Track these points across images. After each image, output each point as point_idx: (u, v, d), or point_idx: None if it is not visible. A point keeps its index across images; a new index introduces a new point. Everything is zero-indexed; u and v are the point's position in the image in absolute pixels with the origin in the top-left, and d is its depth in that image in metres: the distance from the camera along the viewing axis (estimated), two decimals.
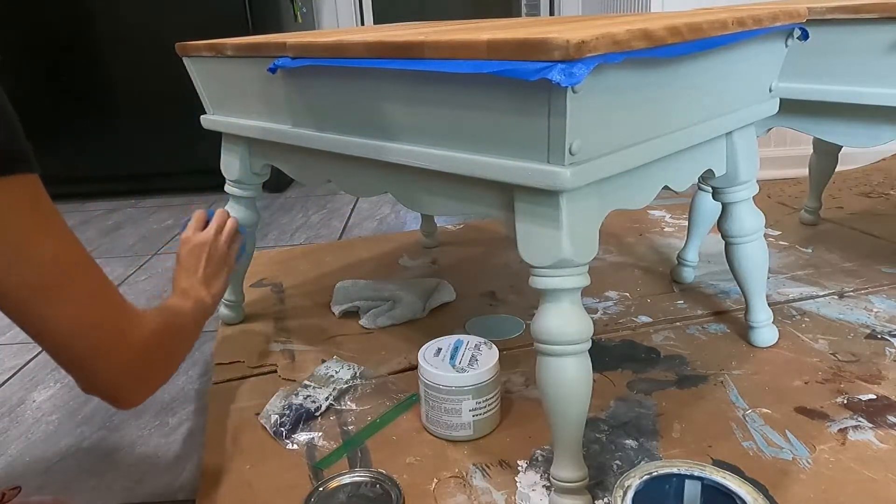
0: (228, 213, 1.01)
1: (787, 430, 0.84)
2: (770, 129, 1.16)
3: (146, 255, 1.73)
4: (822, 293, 1.19)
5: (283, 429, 0.89)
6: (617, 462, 0.81)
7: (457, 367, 0.84)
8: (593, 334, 0.69)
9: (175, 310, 0.80)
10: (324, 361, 1.06)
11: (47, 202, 0.55)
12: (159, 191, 2.31)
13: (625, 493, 0.59)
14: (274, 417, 0.91)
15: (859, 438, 0.82)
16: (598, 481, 0.77)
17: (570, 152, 0.60)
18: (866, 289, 1.20)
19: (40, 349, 1.26)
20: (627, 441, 0.84)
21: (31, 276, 0.54)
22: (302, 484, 0.80)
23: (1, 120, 0.50)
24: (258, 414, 0.94)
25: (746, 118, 0.87)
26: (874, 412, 0.87)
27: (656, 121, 0.71)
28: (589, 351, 0.69)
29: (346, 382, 1.00)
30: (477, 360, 0.86)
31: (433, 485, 0.79)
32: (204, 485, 0.82)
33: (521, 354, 1.05)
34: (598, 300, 1.22)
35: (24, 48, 2.10)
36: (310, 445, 0.87)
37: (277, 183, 2.22)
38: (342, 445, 0.87)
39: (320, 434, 0.89)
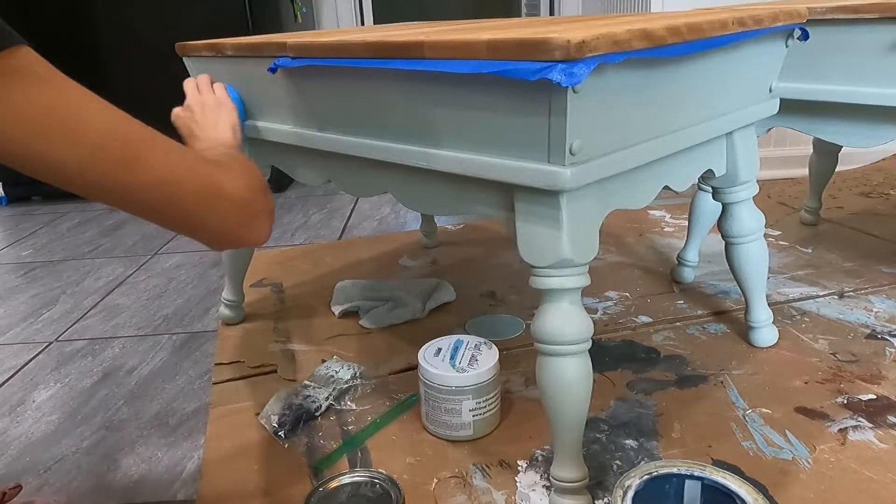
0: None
1: (787, 430, 0.84)
2: (770, 129, 1.16)
3: (146, 255, 1.73)
4: (822, 293, 1.19)
5: (283, 429, 0.90)
6: (617, 462, 0.81)
7: (457, 367, 0.84)
8: (593, 334, 0.69)
9: (224, 149, 0.78)
10: (324, 361, 1.06)
11: (60, 73, 0.51)
12: None
13: (625, 493, 0.59)
14: (274, 417, 0.91)
15: (859, 438, 0.82)
16: (598, 481, 0.77)
17: (571, 152, 0.60)
18: (866, 289, 1.20)
19: (40, 349, 1.26)
20: (627, 441, 0.84)
21: (111, 153, 0.51)
22: (302, 484, 0.80)
23: None
24: (258, 414, 0.94)
25: (746, 118, 0.87)
26: (874, 412, 0.87)
27: (656, 121, 0.71)
28: (589, 351, 0.69)
29: (346, 382, 1.00)
30: (477, 360, 0.86)
31: (433, 485, 0.79)
32: (204, 485, 0.82)
33: (521, 354, 1.05)
34: (598, 300, 1.22)
35: None
36: (310, 445, 0.87)
37: (277, 183, 2.22)
38: (342, 445, 0.87)
39: (320, 434, 0.89)
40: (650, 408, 0.90)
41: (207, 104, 0.89)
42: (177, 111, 0.89)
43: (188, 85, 0.93)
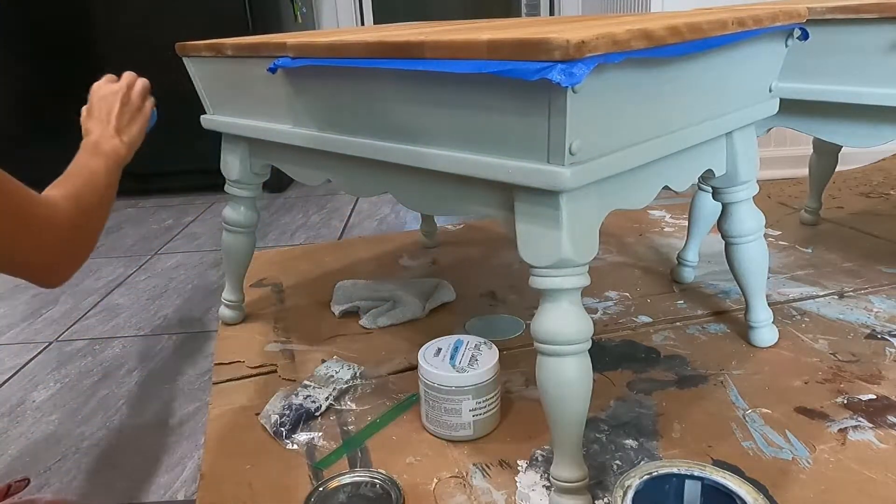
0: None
1: (787, 430, 0.84)
2: (770, 129, 1.16)
3: (146, 255, 1.73)
4: (822, 293, 1.19)
5: (283, 429, 0.89)
6: (617, 462, 0.81)
7: (457, 367, 0.84)
8: (593, 334, 0.69)
9: (87, 172, 0.79)
10: (324, 361, 1.06)
11: None
12: (159, 191, 2.31)
13: (625, 493, 0.59)
14: (274, 417, 0.91)
15: (859, 438, 0.82)
16: (598, 481, 0.77)
17: (570, 152, 0.60)
18: (866, 289, 1.20)
19: (40, 349, 1.26)
20: (627, 441, 0.84)
21: None
22: (302, 484, 0.80)
23: None
24: (258, 414, 0.94)
25: (746, 118, 0.87)
26: (874, 412, 0.87)
27: (656, 121, 0.71)
28: (589, 351, 0.69)
29: (346, 382, 1.00)
30: (477, 360, 0.86)
31: (433, 485, 0.79)
32: (204, 485, 0.82)
33: (521, 354, 1.05)
34: (598, 300, 1.22)
35: (25, 48, 2.10)
36: (310, 445, 0.87)
37: (277, 183, 2.22)
38: (342, 445, 0.87)
39: (320, 434, 0.89)
40: (650, 408, 0.90)
41: (126, 105, 0.92)
42: (99, 85, 0.93)
43: (125, 79, 0.95)
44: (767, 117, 0.92)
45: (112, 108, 0.89)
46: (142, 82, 0.97)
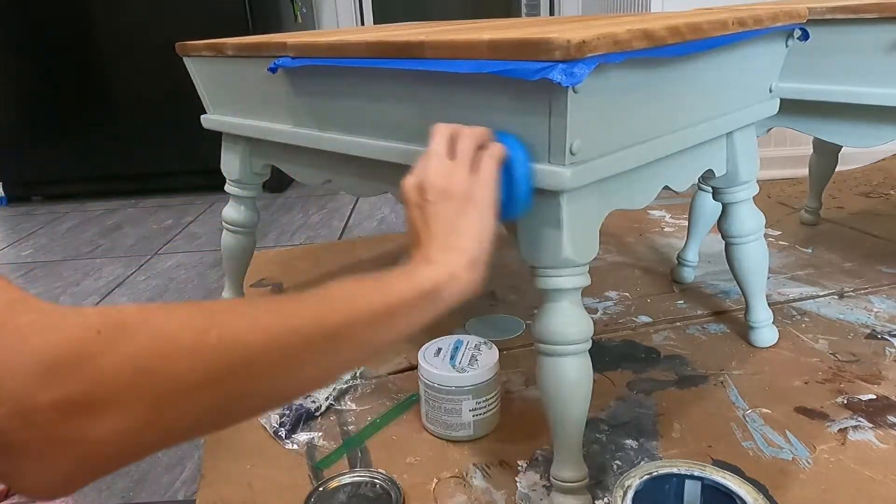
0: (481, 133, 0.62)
1: (787, 430, 0.84)
2: (770, 129, 1.16)
3: (146, 255, 1.73)
4: (822, 293, 1.19)
5: (283, 429, 0.89)
6: (617, 462, 0.81)
7: (457, 367, 0.84)
8: (593, 334, 0.69)
9: (286, 304, 0.46)
10: None
11: None
12: (159, 191, 2.31)
13: (625, 493, 0.59)
14: (274, 417, 0.91)
15: (859, 438, 0.82)
16: (598, 481, 0.77)
17: (571, 152, 0.60)
18: (866, 289, 1.20)
19: None
20: (627, 441, 0.84)
21: None
22: (302, 484, 0.80)
23: None
24: None
25: (746, 118, 0.87)
26: (874, 412, 0.87)
27: (657, 121, 0.71)
28: (589, 351, 0.69)
29: (346, 382, 1.00)
30: (477, 360, 0.86)
31: (433, 485, 0.79)
32: (204, 485, 0.82)
33: (521, 354, 1.05)
34: (598, 300, 1.22)
35: (25, 48, 2.10)
36: (310, 445, 0.87)
37: (277, 183, 2.22)
38: (342, 445, 0.87)
39: (320, 434, 0.89)
40: (650, 408, 0.90)
41: (453, 190, 0.56)
42: (409, 182, 0.59)
43: (439, 135, 0.60)
44: (767, 117, 0.92)
45: (424, 218, 0.57)
46: (469, 138, 0.59)
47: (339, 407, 0.95)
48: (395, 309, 0.49)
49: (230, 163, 1.10)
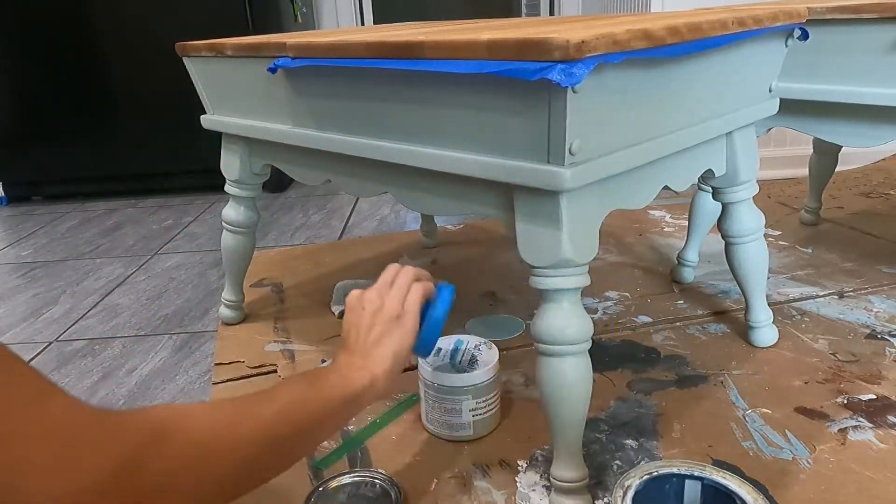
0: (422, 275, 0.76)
1: (787, 430, 0.84)
2: (770, 129, 1.16)
3: (146, 255, 1.73)
4: (822, 293, 1.19)
5: None
6: (617, 462, 0.81)
7: (457, 367, 0.84)
8: (593, 334, 0.69)
9: (280, 394, 0.59)
10: (324, 361, 1.06)
11: None
12: (159, 191, 2.31)
13: (625, 493, 0.59)
14: None
15: (859, 438, 0.82)
16: (598, 481, 0.77)
17: (570, 152, 0.60)
18: (866, 289, 1.20)
19: (40, 349, 1.26)
20: (627, 441, 0.84)
21: None
22: (302, 484, 0.80)
23: None
24: None
25: (746, 118, 0.87)
26: (874, 412, 0.87)
27: (656, 121, 0.71)
28: (589, 351, 0.69)
29: None
30: (477, 360, 0.86)
31: (433, 485, 0.79)
32: None
33: (521, 354, 1.05)
34: (598, 300, 1.22)
35: (25, 48, 2.10)
36: None
37: (277, 183, 2.22)
38: (342, 445, 0.87)
39: None
40: (650, 408, 0.90)
41: (385, 307, 0.70)
42: (354, 294, 0.72)
43: (388, 271, 0.75)
44: (767, 117, 0.92)
45: (358, 323, 0.69)
46: (404, 277, 0.73)
47: None
48: (338, 409, 0.63)
49: (230, 163, 1.10)
